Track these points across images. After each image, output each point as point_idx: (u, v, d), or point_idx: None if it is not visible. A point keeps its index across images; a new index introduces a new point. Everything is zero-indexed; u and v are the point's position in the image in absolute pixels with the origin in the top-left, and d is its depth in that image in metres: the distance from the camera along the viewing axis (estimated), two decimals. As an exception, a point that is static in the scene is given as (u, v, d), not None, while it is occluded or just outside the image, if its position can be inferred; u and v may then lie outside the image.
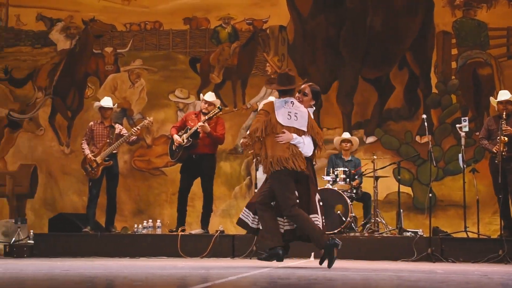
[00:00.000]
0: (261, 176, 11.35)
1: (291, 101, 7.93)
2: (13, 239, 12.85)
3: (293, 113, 7.87)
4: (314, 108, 8.29)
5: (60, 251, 11.41)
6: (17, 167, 14.94)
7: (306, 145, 7.81)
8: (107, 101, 11.97)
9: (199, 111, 11.71)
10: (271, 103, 8.04)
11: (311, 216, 7.83)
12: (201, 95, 11.82)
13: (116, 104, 12.77)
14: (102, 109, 11.89)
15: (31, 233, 12.60)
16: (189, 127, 11.31)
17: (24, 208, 14.73)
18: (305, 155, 7.80)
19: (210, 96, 11.53)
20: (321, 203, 8.05)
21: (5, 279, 5.76)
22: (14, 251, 11.96)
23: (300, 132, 7.84)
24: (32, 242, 12.12)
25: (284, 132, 7.75)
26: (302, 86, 8.28)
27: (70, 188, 14.65)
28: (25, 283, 5.32)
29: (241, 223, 8.24)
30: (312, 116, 8.13)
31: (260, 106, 8.93)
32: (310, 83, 8.37)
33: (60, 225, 12.23)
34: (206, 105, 11.41)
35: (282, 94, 8.06)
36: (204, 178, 11.60)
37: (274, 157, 7.67)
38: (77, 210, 13.92)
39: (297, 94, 8.09)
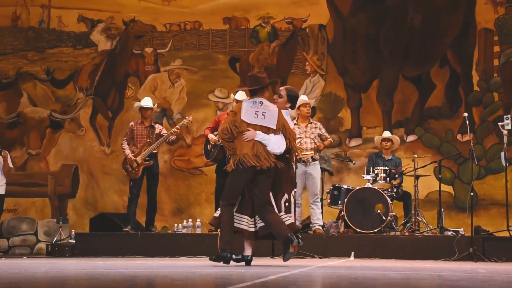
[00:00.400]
0: (299, 173, 11.35)
1: (260, 101, 8.09)
2: (55, 238, 12.98)
3: (261, 112, 8.03)
4: (290, 110, 8.50)
5: (101, 251, 11.48)
6: (59, 167, 15.08)
7: (272, 142, 7.91)
8: (147, 101, 12.02)
9: (232, 110, 11.71)
10: (240, 104, 8.34)
11: (280, 215, 8.02)
12: (232, 94, 11.83)
13: (156, 104, 12.83)
14: (142, 109, 11.94)
15: (73, 233, 12.71)
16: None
17: (66, 208, 14.86)
18: (273, 152, 7.89)
19: (241, 95, 11.53)
20: (287, 204, 8.15)
21: (47, 278, 5.80)
22: (56, 251, 12.06)
23: (268, 130, 7.96)
24: (74, 241, 12.22)
25: (249, 130, 7.92)
26: (280, 88, 8.55)
27: (110, 188, 14.75)
28: (66, 283, 5.36)
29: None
30: (289, 119, 8.31)
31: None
32: (288, 87, 8.66)
33: (101, 225, 12.32)
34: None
35: (252, 94, 8.24)
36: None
37: (240, 156, 7.84)
38: (117, 210, 14.02)
39: (274, 95, 8.39)
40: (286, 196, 8.12)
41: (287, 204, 8.11)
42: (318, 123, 11.77)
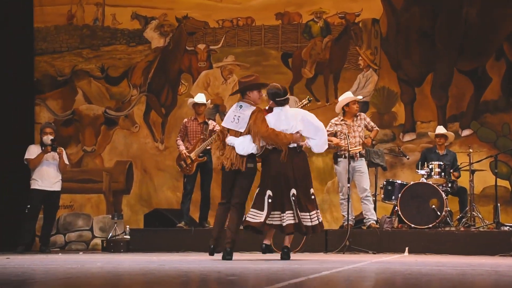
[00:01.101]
0: (341, 169, 11.33)
1: (240, 105, 8.64)
2: (110, 234, 13.12)
3: (237, 116, 8.58)
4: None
5: (155, 246, 11.58)
6: (113, 164, 15.22)
7: (237, 145, 8.52)
8: (200, 97, 12.08)
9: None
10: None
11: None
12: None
13: (210, 100, 12.88)
14: (195, 105, 12.00)
15: (127, 228, 12.83)
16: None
17: (120, 204, 14.99)
18: (240, 153, 8.53)
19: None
20: (270, 200, 8.39)
21: (103, 273, 5.87)
22: (111, 246, 12.20)
23: (237, 133, 8.55)
24: (128, 237, 12.35)
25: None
26: None
27: (164, 184, 14.84)
28: (122, 278, 5.41)
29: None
30: (286, 114, 8.61)
31: None
32: (270, 83, 8.92)
33: (155, 221, 12.43)
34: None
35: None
36: None
37: (221, 158, 8.70)
38: (171, 206, 14.10)
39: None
40: (268, 192, 8.42)
41: (270, 200, 8.39)
42: (363, 114, 11.80)
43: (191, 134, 11.98)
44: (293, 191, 8.36)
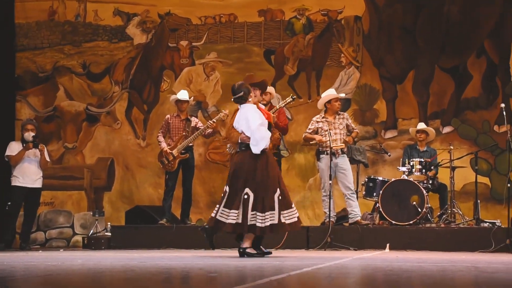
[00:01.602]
0: (323, 166, 11.34)
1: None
2: (91, 231, 13.09)
3: None
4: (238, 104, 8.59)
5: (136, 243, 11.56)
6: (95, 161, 15.18)
7: None
8: (183, 94, 12.07)
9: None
10: None
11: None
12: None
13: (192, 97, 12.86)
14: (178, 102, 11.99)
15: (109, 225, 12.81)
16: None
17: (102, 201, 14.97)
18: None
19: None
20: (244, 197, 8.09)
21: (84, 270, 5.86)
22: (92, 243, 12.17)
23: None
24: (110, 234, 12.32)
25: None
26: None
27: (146, 181, 14.82)
28: (103, 274, 5.40)
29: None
30: (252, 113, 8.38)
31: None
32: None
33: (137, 217, 12.41)
34: (263, 96, 11.39)
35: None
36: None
37: None
38: (153, 203, 14.09)
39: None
40: (245, 190, 8.10)
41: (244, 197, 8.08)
42: (345, 113, 11.87)
43: (173, 131, 11.96)
44: (247, 190, 8.13)
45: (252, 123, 8.15)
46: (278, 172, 8.48)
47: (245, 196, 7.99)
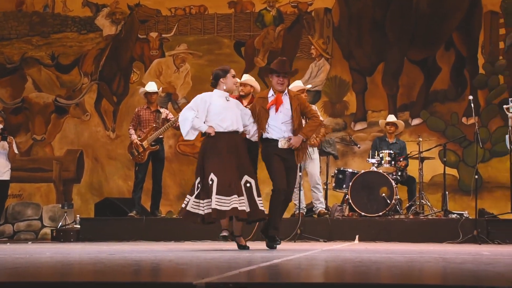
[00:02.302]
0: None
1: None
2: (60, 223, 13.02)
3: None
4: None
5: (106, 235, 11.52)
6: (64, 153, 15.10)
7: None
8: (152, 86, 12.01)
9: (238, 95, 11.71)
10: None
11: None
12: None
13: (161, 88, 12.82)
14: (147, 94, 11.93)
15: (78, 218, 12.74)
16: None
17: (71, 193, 14.90)
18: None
19: (244, 78, 11.52)
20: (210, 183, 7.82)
21: (53, 263, 5.82)
22: (61, 236, 12.10)
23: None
24: (79, 226, 12.26)
25: None
26: None
27: (115, 173, 14.77)
28: (72, 267, 5.37)
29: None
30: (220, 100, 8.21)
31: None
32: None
33: (106, 210, 12.35)
34: (241, 87, 11.37)
35: None
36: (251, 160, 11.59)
37: None
38: (122, 195, 14.05)
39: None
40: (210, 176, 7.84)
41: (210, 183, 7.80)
42: (314, 106, 11.81)
43: (144, 123, 11.90)
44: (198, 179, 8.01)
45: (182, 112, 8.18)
46: (209, 159, 7.93)
47: (248, 185, 8.01)
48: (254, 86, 11.52)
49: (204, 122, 7.98)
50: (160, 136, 11.85)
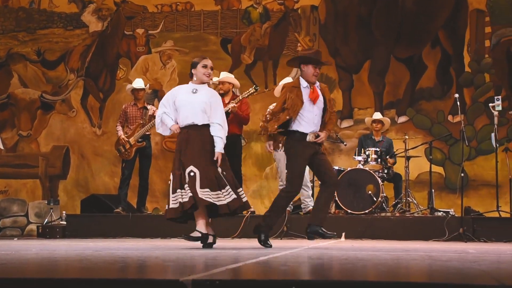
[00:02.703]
0: (279, 156, 11.33)
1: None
2: (46, 220, 12.99)
3: None
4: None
5: (92, 232, 11.49)
6: (50, 149, 15.06)
7: None
8: (139, 83, 12.00)
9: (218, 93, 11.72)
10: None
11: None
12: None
13: (148, 85, 12.80)
14: (134, 90, 11.92)
15: (64, 214, 12.72)
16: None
17: (57, 189, 14.86)
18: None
19: (221, 76, 11.52)
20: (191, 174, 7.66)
21: (38, 259, 5.81)
22: (47, 232, 12.08)
23: None
24: (65, 223, 12.24)
25: None
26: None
27: (102, 170, 14.75)
28: (57, 264, 5.36)
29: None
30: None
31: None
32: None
33: (92, 206, 12.33)
34: (220, 85, 11.41)
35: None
36: (233, 159, 11.62)
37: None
38: (109, 191, 14.02)
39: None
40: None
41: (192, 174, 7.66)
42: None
43: (131, 119, 11.90)
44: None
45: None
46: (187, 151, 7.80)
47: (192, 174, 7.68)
48: (233, 83, 11.53)
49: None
50: (147, 133, 11.85)
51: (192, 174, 7.60)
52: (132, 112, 11.89)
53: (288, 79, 11.74)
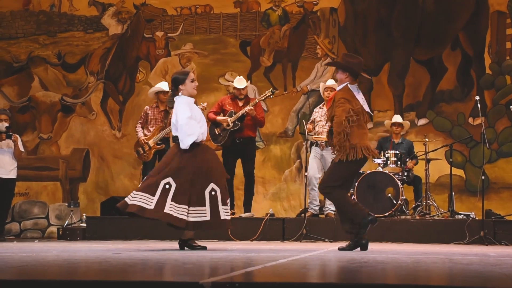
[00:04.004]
0: (315, 156, 11.35)
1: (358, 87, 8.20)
2: (66, 222, 13.03)
3: (362, 99, 8.20)
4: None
5: (111, 234, 11.53)
6: (70, 151, 15.12)
7: None
8: (165, 85, 12.01)
9: (233, 95, 11.77)
10: (348, 89, 8.07)
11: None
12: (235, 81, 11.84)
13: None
14: (160, 93, 11.90)
15: (84, 216, 12.76)
16: (233, 111, 11.37)
17: (77, 192, 14.91)
18: None
19: (240, 83, 11.59)
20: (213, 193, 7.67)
21: (59, 261, 5.83)
22: (67, 234, 12.13)
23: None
24: (85, 225, 12.28)
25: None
26: None
27: (121, 172, 14.78)
28: (78, 266, 5.38)
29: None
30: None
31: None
32: None
33: (112, 208, 12.33)
34: (242, 90, 11.51)
35: (355, 79, 8.29)
36: (247, 161, 11.65)
37: (360, 146, 7.79)
38: (128, 194, 13.97)
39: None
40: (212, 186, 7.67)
41: (213, 193, 7.66)
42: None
43: (151, 121, 11.90)
44: (169, 179, 7.66)
45: (180, 117, 7.70)
46: (212, 166, 7.80)
47: (167, 186, 7.65)
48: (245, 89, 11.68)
49: None
50: (166, 135, 11.86)
51: (167, 186, 7.64)
52: (153, 114, 11.91)
53: (329, 81, 11.76)
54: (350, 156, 7.74)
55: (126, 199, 7.86)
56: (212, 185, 7.65)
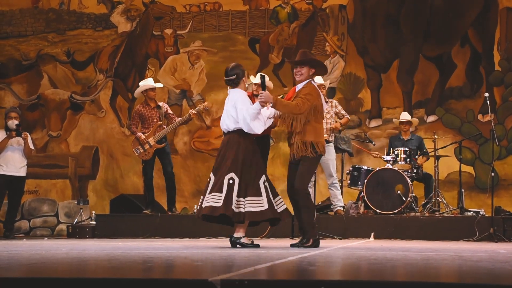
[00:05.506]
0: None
1: None
2: (76, 220, 13.06)
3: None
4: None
5: (121, 232, 11.54)
6: (79, 149, 15.14)
7: None
8: (152, 81, 11.95)
9: (251, 93, 11.73)
10: (315, 86, 7.96)
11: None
12: (252, 77, 11.81)
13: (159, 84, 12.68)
14: (149, 90, 11.81)
15: (93, 214, 12.78)
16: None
17: (86, 189, 14.94)
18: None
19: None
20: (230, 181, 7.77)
21: (68, 259, 5.84)
22: (77, 232, 12.14)
23: None
24: (94, 223, 12.29)
25: None
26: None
27: (130, 169, 14.79)
28: (87, 263, 5.39)
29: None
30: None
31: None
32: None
33: (121, 206, 12.38)
34: (256, 87, 11.40)
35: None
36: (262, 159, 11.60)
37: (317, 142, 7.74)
38: (137, 191, 14.07)
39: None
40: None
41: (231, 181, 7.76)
42: (334, 101, 11.78)
43: (147, 120, 11.76)
44: (231, 174, 7.80)
45: (250, 107, 7.82)
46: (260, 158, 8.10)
47: (230, 181, 7.77)
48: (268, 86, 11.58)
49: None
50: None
51: (231, 181, 7.78)
52: (147, 113, 11.78)
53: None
54: (318, 149, 7.72)
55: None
56: (264, 177, 7.97)
